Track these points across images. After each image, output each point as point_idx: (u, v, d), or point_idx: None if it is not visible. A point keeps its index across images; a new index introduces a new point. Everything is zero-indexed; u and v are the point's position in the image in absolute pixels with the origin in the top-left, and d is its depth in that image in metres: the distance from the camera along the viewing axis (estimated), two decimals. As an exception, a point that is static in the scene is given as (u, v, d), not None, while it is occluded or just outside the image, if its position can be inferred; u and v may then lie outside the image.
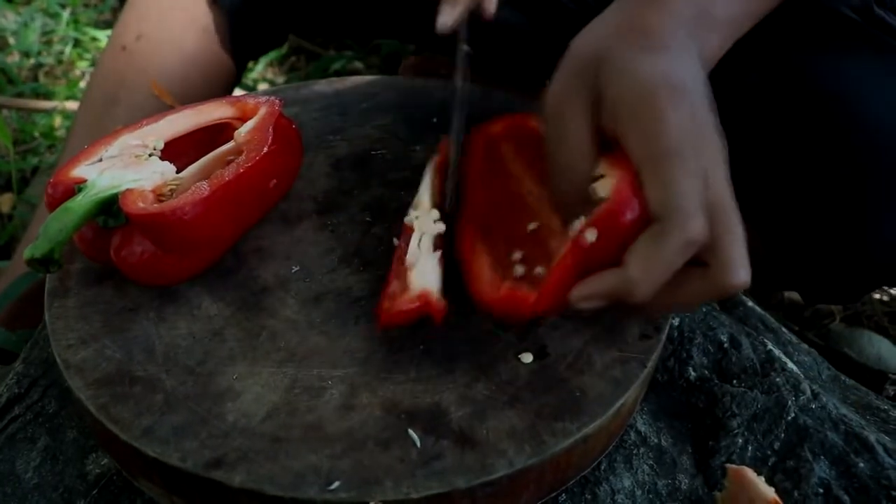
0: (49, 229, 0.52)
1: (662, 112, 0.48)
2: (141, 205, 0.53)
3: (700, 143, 0.48)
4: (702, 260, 0.48)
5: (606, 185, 0.50)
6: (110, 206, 0.54)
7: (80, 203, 0.53)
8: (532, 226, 0.58)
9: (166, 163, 0.58)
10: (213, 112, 0.63)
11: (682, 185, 0.46)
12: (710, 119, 0.50)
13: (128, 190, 0.54)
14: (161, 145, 0.59)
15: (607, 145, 0.51)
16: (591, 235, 0.48)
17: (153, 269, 0.55)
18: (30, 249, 0.51)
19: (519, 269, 0.54)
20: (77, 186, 0.54)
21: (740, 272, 0.47)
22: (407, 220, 0.58)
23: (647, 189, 0.47)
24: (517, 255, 0.56)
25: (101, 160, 0.57)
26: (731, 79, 0.71)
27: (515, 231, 0.58)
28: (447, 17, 0.69)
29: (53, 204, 0.54)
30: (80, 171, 0.55)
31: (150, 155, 0.58)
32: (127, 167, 0.56)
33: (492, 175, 0.62)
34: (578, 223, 0.49)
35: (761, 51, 0.70)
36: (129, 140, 0.59)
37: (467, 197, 0.61)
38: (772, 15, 0.60)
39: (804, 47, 0.70)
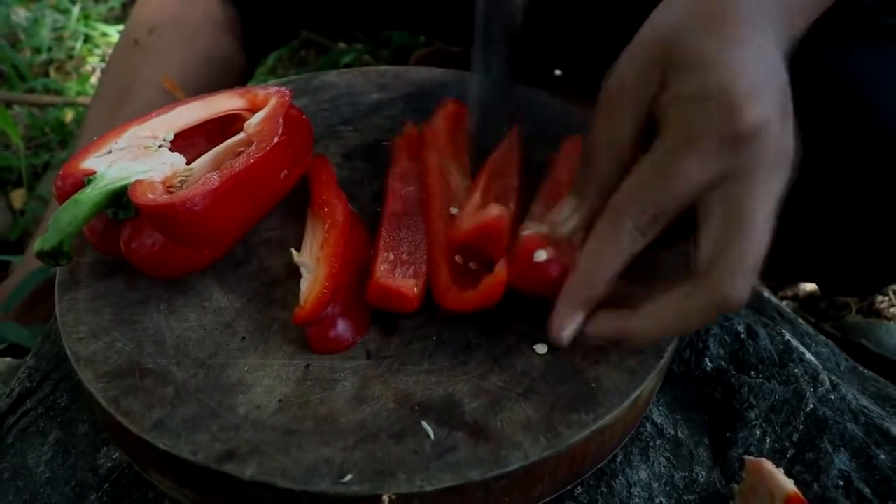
0: (58, 221, 0.51)
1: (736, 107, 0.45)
2: (150, 196, 0.52)
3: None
4: (697, 273, 0.46)
5: None
6: (120, 198, 0.54)
7: (89, 195, 0.53)
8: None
9: (176, 154, 0.57)
10: (223, 103, 0.62)
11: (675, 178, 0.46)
12: (782, 114, 0.47)
13: (137, 181, 0.54)
14: (171, 136, 0.59)
15: None
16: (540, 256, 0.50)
17: (163, 261, 0.54)
18: (39, 242, 0.51)
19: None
20: (86, 178, 0.54)
21: (730, 287, 0.45)
22: None
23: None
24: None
25: (110, 152, 0.56)
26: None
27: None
28: None
29: (63, 196, 0.54)
30: (89, 162, 0.55)
31: (159, 146, 0.58)
32: (136, 158, 0.56)
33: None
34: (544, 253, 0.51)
35: None
36: (139, 131, 0.58)
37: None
38: None
39: (821, 34, 0.69)
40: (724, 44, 0.47)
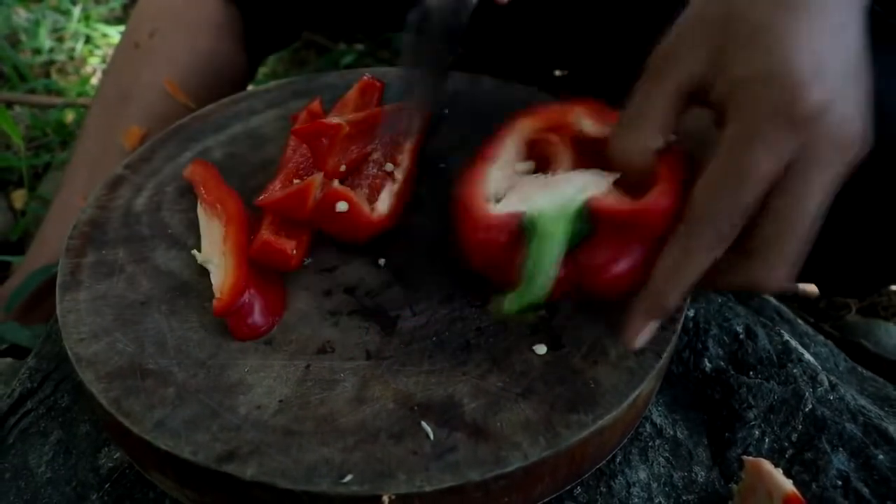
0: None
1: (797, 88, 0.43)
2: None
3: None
4: (745, 246, 0.46)
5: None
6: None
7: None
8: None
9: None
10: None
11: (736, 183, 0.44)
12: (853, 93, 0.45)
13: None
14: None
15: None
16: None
17: None
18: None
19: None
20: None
21: (767, 278, 0.46)
22: None
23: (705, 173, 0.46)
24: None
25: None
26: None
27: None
28: None
29: None
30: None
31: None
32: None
33: None
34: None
35: None
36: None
37: None
38: None
39: None
40: (789, 15, 0.44)
